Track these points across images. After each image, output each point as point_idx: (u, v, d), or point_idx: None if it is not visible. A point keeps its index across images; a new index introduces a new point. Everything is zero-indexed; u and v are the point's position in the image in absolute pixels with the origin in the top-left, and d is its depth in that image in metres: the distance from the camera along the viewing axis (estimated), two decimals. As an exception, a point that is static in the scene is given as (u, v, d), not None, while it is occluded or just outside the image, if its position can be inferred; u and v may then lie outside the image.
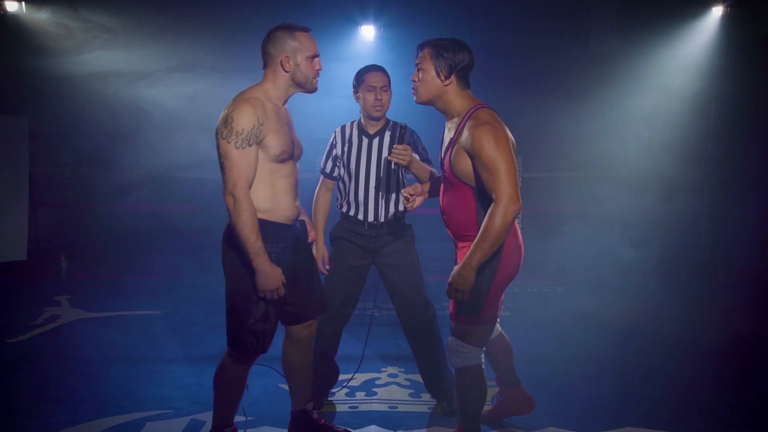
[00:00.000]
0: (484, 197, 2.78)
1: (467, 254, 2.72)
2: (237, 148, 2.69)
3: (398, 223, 3.62)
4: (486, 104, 2.90)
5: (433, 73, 2.86)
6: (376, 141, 3.57)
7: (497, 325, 3.30)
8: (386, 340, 4.86)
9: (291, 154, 2.90)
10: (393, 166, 3.49)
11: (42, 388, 3.90)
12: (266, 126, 2.76)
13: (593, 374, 4.20)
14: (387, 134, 3.58)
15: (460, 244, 2.97)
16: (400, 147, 3.20)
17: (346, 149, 3.58)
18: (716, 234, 6.81)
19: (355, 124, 3.63)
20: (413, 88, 2.96)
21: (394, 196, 3.58)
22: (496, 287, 2.86)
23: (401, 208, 3.61)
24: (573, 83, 6.67)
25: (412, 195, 3.13)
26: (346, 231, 3.60)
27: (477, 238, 2.69)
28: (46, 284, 6.36)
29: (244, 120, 2.70)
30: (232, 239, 2.82)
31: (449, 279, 2.79)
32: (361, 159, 3.56)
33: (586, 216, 6.63)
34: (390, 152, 3.48)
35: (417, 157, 3.41)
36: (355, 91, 3.55)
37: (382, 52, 6.51)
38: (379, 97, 3.48)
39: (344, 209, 3.63)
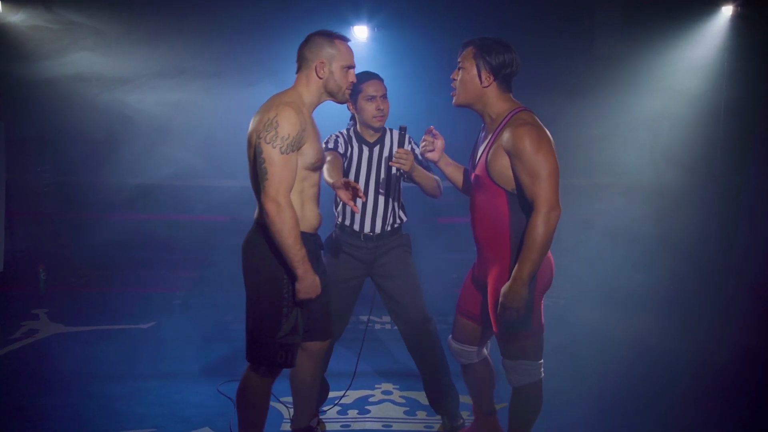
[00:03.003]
0: (518, 204, 2.81)
1: (515, 269, 2.72)
2: (282, 153, 2.69)
3: (395, 234, 3.63)
4: (527, 107, 2.90)
5: (474, 73, 2.86)
6: (376, 149, 3.58)
7: (484, 349, 3.27)
8: (380, 356, 4.85)
9: (322, 162, 2.96)
10: (396, 172, 3.45)
11: (18, 406, 3.90)
12: (306, 132, 2.79)
13: (596, 391, 4.22)
14: (387, 142, 3.59)
15: (484, 254, 2.96)
16: (402, 151, 3.20)
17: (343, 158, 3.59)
18: (726, 246, 6.82)
19: (351, 132, 3.63)
20: (453, 87, 2.97)
21: (392, 206, 3.59)
22: (539, 295, 2.88)
23: (398, 219, 3.63)
24: (576, 85, 6.68)
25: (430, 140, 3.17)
26: (341, 242, 3.61)
27: (523, 250, 2.71)
28: (23, 297, 6.34)
29: (290, 125, 2.70)
30: (256, 251, 2.84)
31: (500, 300, 2.77)
32: (360, 168, 3.56)
33: (589, 226, 6.65)
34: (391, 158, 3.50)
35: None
36: (352, 101, 3.50)
37: (377, 53, 6.53)
38: (381, 107, 3.47)
39: (340, 219, 3.64)
